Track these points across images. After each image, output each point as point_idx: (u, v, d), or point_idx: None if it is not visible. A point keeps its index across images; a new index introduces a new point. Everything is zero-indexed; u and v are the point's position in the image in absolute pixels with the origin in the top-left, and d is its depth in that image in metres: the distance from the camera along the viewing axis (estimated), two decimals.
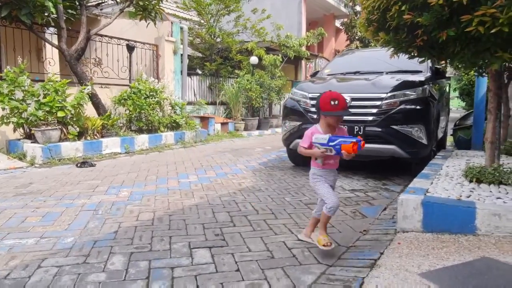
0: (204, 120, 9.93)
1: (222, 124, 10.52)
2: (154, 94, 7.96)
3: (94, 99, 7.37)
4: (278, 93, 12.20)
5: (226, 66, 12.46)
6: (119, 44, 8.80)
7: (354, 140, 2.26)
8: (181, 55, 10.54)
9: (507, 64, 4.74)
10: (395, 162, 4.98)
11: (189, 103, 10.67)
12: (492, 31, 2.25)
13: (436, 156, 4.83)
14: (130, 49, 8.61)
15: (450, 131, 7.72)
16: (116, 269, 2.21)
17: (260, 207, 3.50)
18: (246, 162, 6.00)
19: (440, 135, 6.40)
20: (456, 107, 18.74)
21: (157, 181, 4.56)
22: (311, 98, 4.90)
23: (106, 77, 8.46)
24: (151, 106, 7.77)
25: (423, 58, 3.00)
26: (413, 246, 2.42)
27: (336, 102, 2.43)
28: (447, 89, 6.90)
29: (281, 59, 12.26)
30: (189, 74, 11.46)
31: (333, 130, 2.51)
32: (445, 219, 2.58)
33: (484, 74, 4.51)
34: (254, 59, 11.72)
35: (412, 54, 2.95)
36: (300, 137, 4.91)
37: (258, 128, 11.59)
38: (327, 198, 2.45)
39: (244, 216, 3.21)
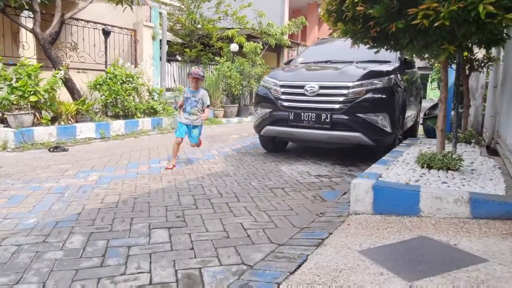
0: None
1: None
2: (131, 79, 7.93)
3: (68, 83, 7.31)
4: (258, 81, 12.25)
5: (206, 53, 12.42)
6: (96, 29, 8.69)
7: None
8: (160, 40, 10.46)
9: (470, 56, 4.94)
10: (363, 149, 5.14)
11: (168, 90, 10.64)
12: (436, 24, 2.38)
13: (400, 144, 5.01)
14: (106, 33, 8.51)
15: (421, 120, 7.98)
16: (74, 248, 2.29)
17: (225, 191, 3.61)
18: (220, 148, 6.10)
19: (409, 124, 6.61)
20: (438, 97, 19.14)
21: (127, 166, 4.61)
22: (281, 86, 5.00)
23: (82, 62, 8.37)
24: (127, 92, 7.75)
25: (378, 49, 3.12)
26: (360, 227, 2.58)
27: None
28: (418, 79, 7.08)
29: (261, 47, 12.28)
30: (168, 60, 11.40)
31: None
32: (393, 202, 2.74)
33: (450, 65, 4.69)
34: (234, 47, 11.71)
35: (370, 44, 3.06)
36: (271, 124, 5.10)
37: (238, 115, 11.66)
38: None
39: (207, 199, 3.32)
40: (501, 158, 3.99)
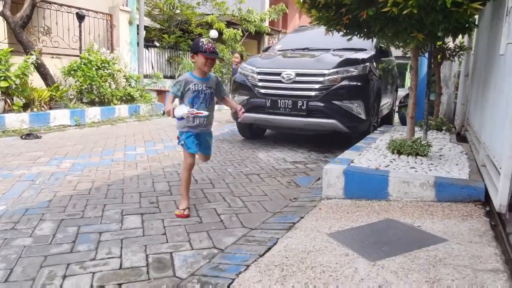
0: (162, 93, 9.81)
1: None
2: (106, 65, 7.77)
3: (41, 69, 7.10)
4: None
5: (185, 39, 12.23)
6: (70, 13, 8.42)
7: None
8: (138, 26, 10.23)
9: (443, 44, 5.05)
10: (339, 136, 5.23)
11: (146, 76, 10.47)
12: (404, 12, 2.42)
13: (375, 131, 5.12)
14: (80, 18, 8.26)
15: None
16: (43, 234, 2.27)
17: (200, 177, 3.62)
18: None
19: (385, 111, 6.74)
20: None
21: (102, 153, 4.55)
22: (259, 73, 5.00)
23: (56, 47, 8.12)
24: (102, 78, 7.59)
25: (350, 36, 3.15)
26: (331, 211, 2.64)
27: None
28: (394, 68, 7.20)
29: (241, 34, 12.18)
30: (146, 46, 11.18)
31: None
32: (363, 186, 2.81)
33: (421, 53, 4.78)
34: (214, 33, 11.58)
35: (343, 31, 3.09)
36: (249, 111, 5.10)
37: (218, 102, 11.58)
38: None
39: None
40: (469, 145, 4.14)
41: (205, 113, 2.65)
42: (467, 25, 2.75)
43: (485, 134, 3.08)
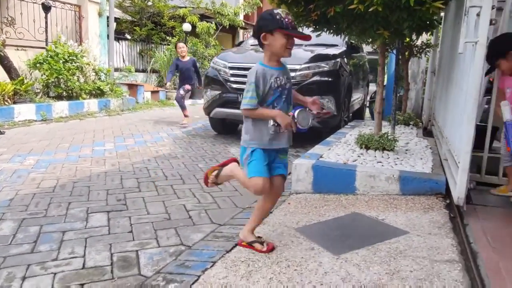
0: (133, 87, 9.60)
1: (153, 92, 10.25)
2: (74, 58, 7.52)
3: (5, 62, 6.80)
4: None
5: (157, 32, 12.00)
6: (35, 3, 8.08)
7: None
8: (108, 18, 9.95)
9: (410, 42, 5.17)
10: (312, 131, 5.27)
11: (117, 70, 10.21)
12: (370, 9, 2.46)
13: (346, 126, 5.20)
14: (46, 8, 7.93)
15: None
16: (3, 235, 2.19)
17: (171, 173, 3.58)
18: (170, 131, 6.00)
19: (356, 106, 6.86)
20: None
21: (69, 149, 4.42)
22: (231, 68, 4.97)
23: (20, 39, 7.78)
24: (70, 71, 7.34)
25: (319, 32, 3.18)
26: (300, 205, 2.67)
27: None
28: (365, 64, 7.32)
29: (215, 27, 12.07)
30: (117, 39, 10.90)
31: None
32: (331, 181, 2.86)
33: (390, 50, 4.88)
34: (187, 26, 11.41)
35: (312, 27, 3.11)
36: (221, 105, 5.08)
37: (192, 97, 11.44)
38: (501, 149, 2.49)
39: (152, 182, 3.28)
40: (434, 139, 4.27)
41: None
42: (430, 23, 2.84)
43: (447, 129, 3.19)
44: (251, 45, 5.92)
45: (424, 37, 5.80)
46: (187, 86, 6.72)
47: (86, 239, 2.17)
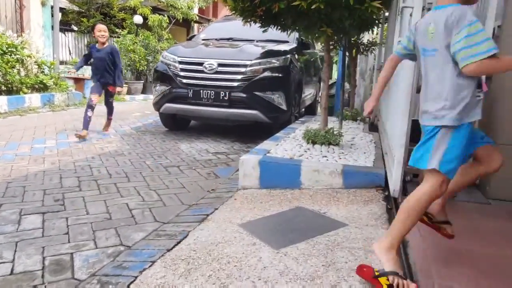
0: (80, 81, 9.15)
1: None
2: (14, 50, 7.03)
3: None
4: None
5: (107, 23, 11.48)
6: None
7: None
8: (52, 7, 9.38)
9: (357, 39, 5.34)
10: (263, 126, 5.31)
11: (62, 63, 9.69)
12: (313, 6, 2.50)
13: (296, 121, 5.28)
14: None
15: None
16: None
17: (115, 171, 3.45)
18: (118, 127, 5.78)
19: (308, 102, 6.99)
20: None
21: (5, 147, 4.13)
22: (180, 62, 4.88)
23: None
24: (9, 64, 6.85)
25: (265, 28, 3.19)
26: (246, 201, 2.67)
27: None
28: (317, 60, 7.47)
29: (168, 21, 11.77)
30: (63, 30, 10.33)
31: None
32: (277, 176, 2.89)
33: (338, 47, 5.01)
34: (138, 18, 11.04)
35: (258, 23, 3.11)
36: (171, 101, 4.96)
37: (143, 92, 11.14)
38: None
39: (94, 181, 3.14)
40: (379, 134, 4.45)
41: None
42: (372, 22, 2.94)
43: (388, 124, 3.33)
44: (202, 40, 5.84)
45: (372, 35, 6.03)
46: (112, 88, 5.13)
47: (17, 243, 2.04)
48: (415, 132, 2.83)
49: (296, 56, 5.44)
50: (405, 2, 2.11)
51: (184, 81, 4.80)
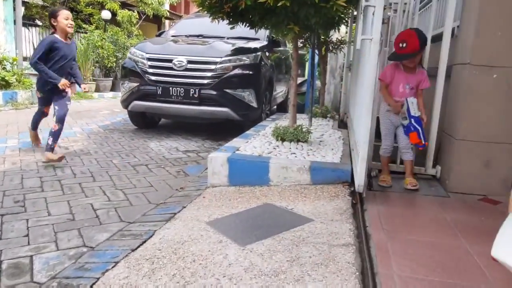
0: None
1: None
2: None
3: None
4: None
5: (73, 19, 11.12)
6: None
7: (423, 142, 2.57)
8: (14, 1, 8.98)
9: (326, 38, 5.41)
10: (234, 124, 5.30)
11: (26, 59, 9.29)
12: (279, 4, 2.51)
13: (267, 119, 5.30)
14: None
15: None
16: None
17: (80, 170, 3.35)
18: (85, 125, 5.62)
19: (279, 99, 7.03)
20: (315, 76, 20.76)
21: None
22: (149, 59, 4.79)
23: None
24: None
25: (233, 25, 3.18)
26: (214, 199, 2.66)
27: (404, 45, 2.47)
28: (289, 58, 7.52)
29: (137, 16, 11.53)
30: (26, 25, 9.92)
31: (411, 69, 2.61)
32: (246, 173, 2.89)
33: (307, 45, 5.06)
34: (106, 14, 10.74)
35: (225, 20, 3.10)
36: (139, 99, 4.86)
37: (113, 89, 10.87)
38: (383, 139, 2.76)
39: (57, 181, 3.04)
40: (348, 131, 4.54)
41: None
42: (338, 20, 2.99)
43: (355, 121, 3.39)
44: (172, 36, 5.75)
45: (342, 33, 6.13)
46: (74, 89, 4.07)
47: None
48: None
49: (267, 54, 5.46)
50: (368, 1, 2.15)
51: (153, 78, 4.72)
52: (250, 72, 4.82)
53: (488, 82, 2.43)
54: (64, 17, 3.64)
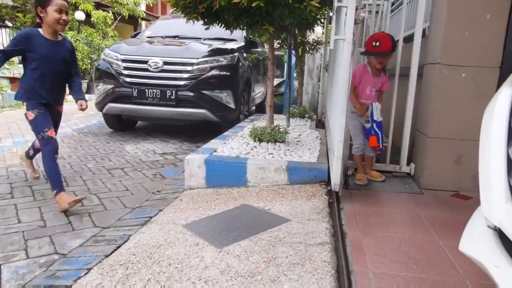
0: (16, 81, 8.52)
1: None
2: None
3: None
4: None
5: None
6: None
7: (380, 146, 2.68)
8: None
9: (303, 38, 5.45)
10: (213, 125, 5.27)
11: None
12: (253, 4, 2.51)
13: (245, 119, 5.29)
14: None
15: None
16: None
17: None
18: (59, 129, 5.45)
19: (258, 100, 7.04)
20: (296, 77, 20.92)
21: None
22: (123, 60, 4.70)
23: None
24: None
25: (208, 26, 3.16)
26: (192, 201, 2.63)
27: (377, 43, 2.54)
28: (267, 58, 7.53)
29: (112, 17, 11.32)
30: None
31: (377, 72, 2.69)
32: (224, 175, 2.87)
33: (284, 46, 5.08)
34: (80, 15, 10.51)
35: (200, 20, 3.07)
36: (114, 101, 4.77)
37: (88, 92, 10.60)
38: (353, 139, 2.80)
39: (28, 187, 2.95)
40: (325, 130, 4.58)
41: None
42: (313, 21, 3.01)
43: (331, 121, 3.43)
44: (147, 37, 5.67)
45: (319, 33, 6.19)
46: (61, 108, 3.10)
47: None
48: None
49: (245, 55, 5.45)
50: (340, 2, 2.17)
51: (128, 80, 4.64)
52: (227, 73, 4.81)
53: (457, 81, 2.50)
54: (55, 8, 2.55)
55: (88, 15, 10.86)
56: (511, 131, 0.83)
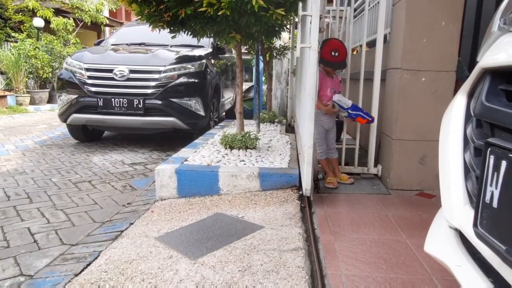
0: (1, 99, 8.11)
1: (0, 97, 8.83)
2: None
3: None
4: None
5: (1, 27, 10.35)
6: None
7: (370, 118, 2.84)
8: None
9: (270, 44, 5.51)
10: (183, 133, 5.22)
11: None
12: (219, 13, 2.52)
13: (216, 126, 5.28)
14: None
15: None
16: None
17: (15, 192, 3.11)
18: (19, 142, 5.23)
19: (227, 106, 7.04)
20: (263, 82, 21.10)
21: None
22: (87, 69, 4.57)
23: None
24: None
25: (175, 34, 3.14)
26: (163, 212, 2.59)
27: (337, 54, 2.68)
28: (235, 64, 7.55)
29: (74, 24, 10.98)
30: None
31: (332, 76, 2.88)
32: (196, 184, 2.85)
33: (252, 52, 5.11)
34: (38, 21, 10.12)
35: (166, 28, 3.05)
36: (79, 111, 4.62)
37: (50, 101, 10.23)
38: (316, 144, 2.85)
39: None
40: (295, 135, 4.65)
41: None
42: (279, 28, 3.06)
43: (300, 126, 3.48)
44: (112, 45, 5.55)
45: (285, 39, 6.28)
46: None
47: None
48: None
49: (213, 61, 5.45)
50: (305, 11, 2.22)
51: (93, 89, 4.51)
52: (196, 80, 4.78)
53: (418, 85, 2.61)
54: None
55: (47, 22, 10.48)
56: (467, 138, 0.89)
